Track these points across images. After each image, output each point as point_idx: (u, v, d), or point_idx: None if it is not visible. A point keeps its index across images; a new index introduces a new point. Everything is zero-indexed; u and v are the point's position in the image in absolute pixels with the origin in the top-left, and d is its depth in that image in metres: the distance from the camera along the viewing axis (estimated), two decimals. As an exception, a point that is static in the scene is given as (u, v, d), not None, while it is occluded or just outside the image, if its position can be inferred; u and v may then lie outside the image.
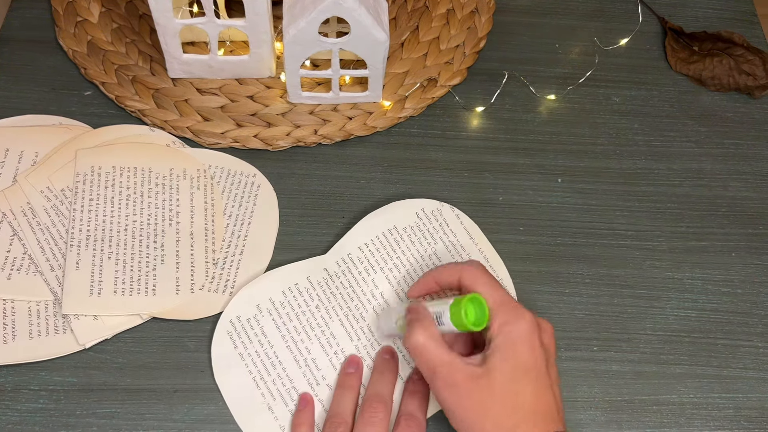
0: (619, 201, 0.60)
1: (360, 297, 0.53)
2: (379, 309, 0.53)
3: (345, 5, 0.52)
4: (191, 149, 0.59)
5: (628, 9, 0.70)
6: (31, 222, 0.54)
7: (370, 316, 0.52)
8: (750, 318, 0.56)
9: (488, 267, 0.54)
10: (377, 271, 0.54)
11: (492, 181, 0.60)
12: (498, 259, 0.56)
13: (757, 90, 0.65)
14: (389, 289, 0.53)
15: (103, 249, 0.53)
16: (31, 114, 0.59)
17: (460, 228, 0.56)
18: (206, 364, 0.51)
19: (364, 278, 0.54)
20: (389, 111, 0.61)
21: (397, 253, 0.55)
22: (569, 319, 0.55)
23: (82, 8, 0.64)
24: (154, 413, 0.49)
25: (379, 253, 0.55)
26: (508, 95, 0.64)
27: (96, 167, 0.57)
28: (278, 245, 0.56)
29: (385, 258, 0.54)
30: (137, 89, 0.60)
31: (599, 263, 0.57)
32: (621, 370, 0.53)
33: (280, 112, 0.61)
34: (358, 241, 0.55)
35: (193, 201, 0.56)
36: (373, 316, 0.52)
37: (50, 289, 0.52)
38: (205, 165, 0.58)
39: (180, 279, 0.53)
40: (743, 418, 0.52)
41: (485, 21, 0.66)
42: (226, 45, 0.62)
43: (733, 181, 0.62)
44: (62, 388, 0.50)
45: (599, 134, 0.63)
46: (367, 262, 0.54)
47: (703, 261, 0.58)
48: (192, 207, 0.56)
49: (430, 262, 0.55)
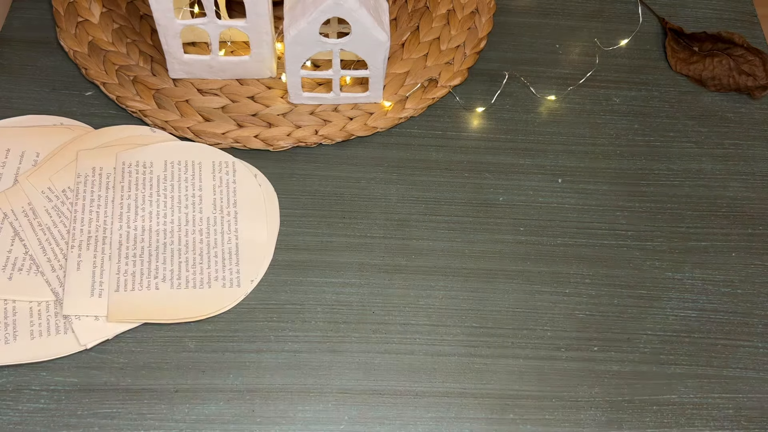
0: (620, 201, 0.60)
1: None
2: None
3: (346, 6, 0.52)
4: (195, 144, 0.59)
5: (628, 10, 0.70)
6: (32, 222, 0.54)
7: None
8: (750, 318, 0.56)
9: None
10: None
11: (492, 181, 0.60)
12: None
13: (757, 90, 0.65)
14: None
15: (104, 250, 0.54)
16: (32, 114, 0.59)
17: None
18: (207, 364, 0.51)
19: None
20: (390, 111, 0.61)
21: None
22: (569, 319, 0.55)
23: (83, 8, 0.64)
24: (155, 413, 0.50)
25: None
26: (508, 96, 0.64)
27: (97, 168, 0.57)
28: (279, 245, 0.56)
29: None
30: (138, 90, 0.60)
31: (599, 263, 0.57)
32: (621, 370, 0.53)
33: (280, 113, 0.61)
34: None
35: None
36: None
37: (51, 290, 0.52)
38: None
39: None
40: (743, 418, 0.52)
41: (485, 21, 0.66)
42: (227, 45, 0.63)
43: (733, 181, 0.62)
44: (63, 388, 0.50)
45: (599, 135, 0.63)
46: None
47: (703, 261, 0.58)
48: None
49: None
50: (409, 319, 0.54)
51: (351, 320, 0.54)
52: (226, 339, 0.52)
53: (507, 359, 0.53)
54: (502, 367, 0.53)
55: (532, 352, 0.53)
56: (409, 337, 0.53)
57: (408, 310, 0.54)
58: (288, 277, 0.55)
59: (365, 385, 0.52)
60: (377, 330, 0.54)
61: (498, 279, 0.56)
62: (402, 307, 0.54)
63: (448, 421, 0.51)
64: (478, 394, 0.52)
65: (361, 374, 0.52)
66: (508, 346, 0.53)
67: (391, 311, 0.54)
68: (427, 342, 0.53)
